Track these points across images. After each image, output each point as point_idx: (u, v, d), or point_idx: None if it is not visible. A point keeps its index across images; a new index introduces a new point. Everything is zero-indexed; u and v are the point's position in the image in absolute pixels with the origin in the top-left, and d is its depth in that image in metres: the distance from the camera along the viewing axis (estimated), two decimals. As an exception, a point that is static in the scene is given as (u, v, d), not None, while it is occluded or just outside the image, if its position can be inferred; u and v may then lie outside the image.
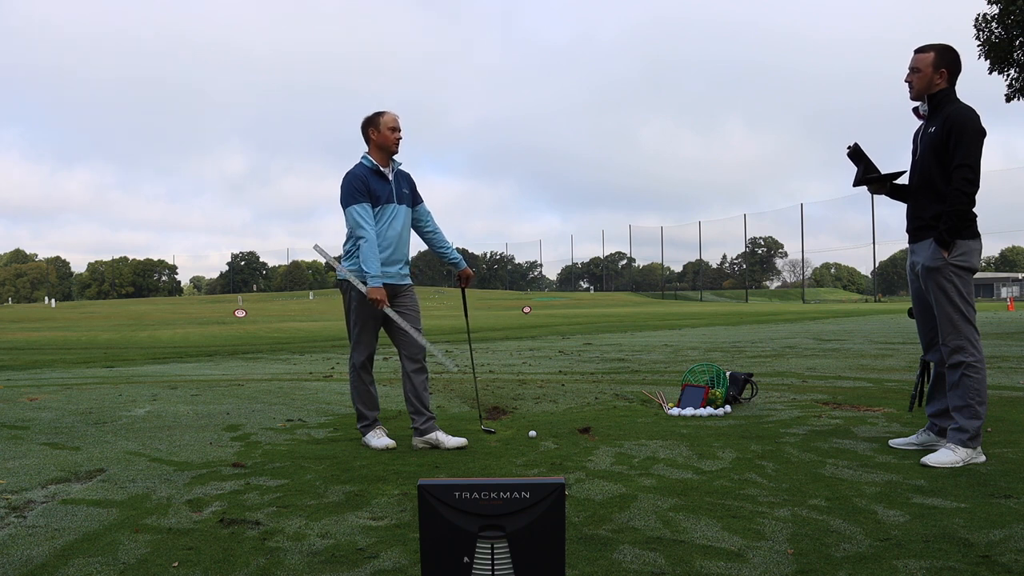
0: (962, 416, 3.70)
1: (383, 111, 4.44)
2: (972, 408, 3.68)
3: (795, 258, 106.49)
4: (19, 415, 5.63)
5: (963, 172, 3.61)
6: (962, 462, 3.62)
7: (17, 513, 3.09)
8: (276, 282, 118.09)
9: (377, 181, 4.38)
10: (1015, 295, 72.57)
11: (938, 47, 3.78)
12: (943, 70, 3.75)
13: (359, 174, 4.36)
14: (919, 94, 3.83)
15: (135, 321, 32.61)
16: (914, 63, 3.81)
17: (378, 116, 4.41)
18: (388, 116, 4.42)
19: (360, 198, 4.30)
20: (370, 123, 4.42)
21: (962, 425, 3.69)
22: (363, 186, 4.32)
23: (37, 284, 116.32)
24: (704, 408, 5.32)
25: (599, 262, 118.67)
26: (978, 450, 3.70)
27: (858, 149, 4.00)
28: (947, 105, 3.74)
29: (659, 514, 2.98)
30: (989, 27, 15.16)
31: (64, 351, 14.23)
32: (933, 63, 3.76)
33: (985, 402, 3.71)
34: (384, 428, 4.52)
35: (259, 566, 2.48)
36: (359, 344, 4.45)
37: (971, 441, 3.66)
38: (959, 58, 3.80)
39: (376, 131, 4.39)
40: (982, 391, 3.70)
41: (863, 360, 9.31)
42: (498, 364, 9.64)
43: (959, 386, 3.72)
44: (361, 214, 4.28)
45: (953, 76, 3.78)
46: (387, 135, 4.39)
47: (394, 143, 4.41)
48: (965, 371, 3.70)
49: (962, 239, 3.70)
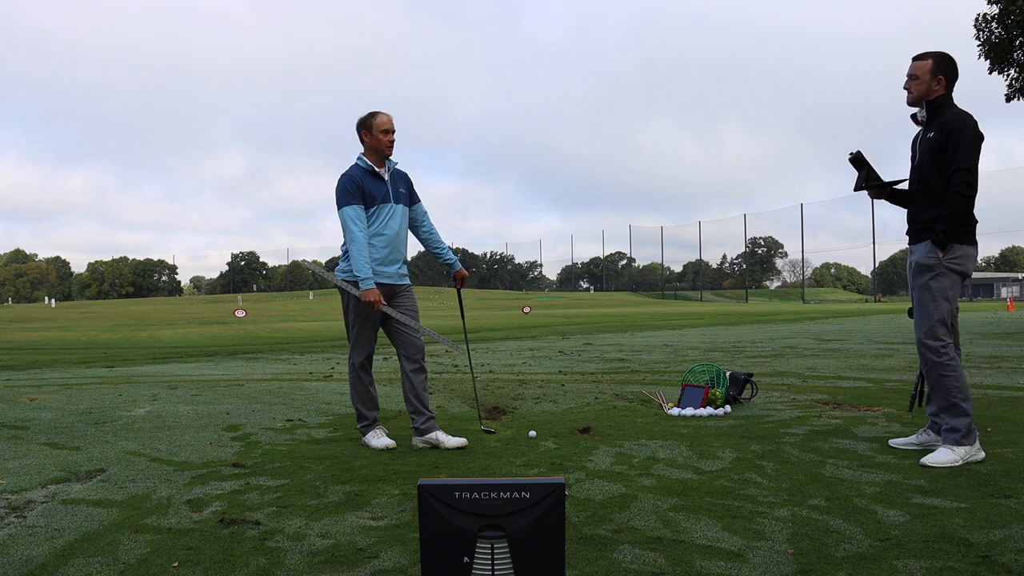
0: (949, 416, 3.74)
1: (377, 112, 4.42)
2: (957, 406, 3.72)
3: (795, 258, 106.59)
4: (19, 415, 5.62)
5: (961, 176, 3.66)
6: (961, 460, 3.64)
7: (17, 513, 3.09)
8: (276, 282, 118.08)
9: (372, 182, 4.37)
10: (1015, 295, 72.58)
11: (936, 55, 3.84)
12: (940, 77, 3.81)
13: (353, 176, 4.35)
14: (917, 100, 3.89)
15: (135, 321, 32.62)
16: (912, 70, 3.87)
17: (371, 118, 4.39)
18: (381, 118, 4.39)
19: (352, 200, 4.29)
20: (363, 125, 4.41)
21: (952, 424, 3.73)
22: (356, 188, 4.31)
23: (37, 284, 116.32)
24: (704, 408, 5.32)
25: (599, 262, 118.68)
26: (976, 446, 3.72)
27: (860, 156, 4.03)
28: (945, 111, 3.80)
29: (659, 514, 2.98)
30: (989, 27, 15.16)
31: (64, 351, 14.23)
32: (931, 70, 3.81)
33: (969, 398, 3.75)
34: (384, 428, 4.52)
35: (259, 566, 2.48)
36: (358, 344, 4.45)
37: (965, 439, 3.69)
38: (956, 65, 3.85)
39: (368, 134, 4.38)
40: (963, 388, 3.75)
41: (863, 360, 9.31)
42: (498, 364, 9.63)
43: (939, 387, 3.78)
44: (352, 216, 4.27)
45: (951, 83, 3.84)
46: (379, 138, 4.37)
47: (387, 145, 4.40)
48: (941, 371, 3.75)
49: (960, 244, 3.75)
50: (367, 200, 4.33)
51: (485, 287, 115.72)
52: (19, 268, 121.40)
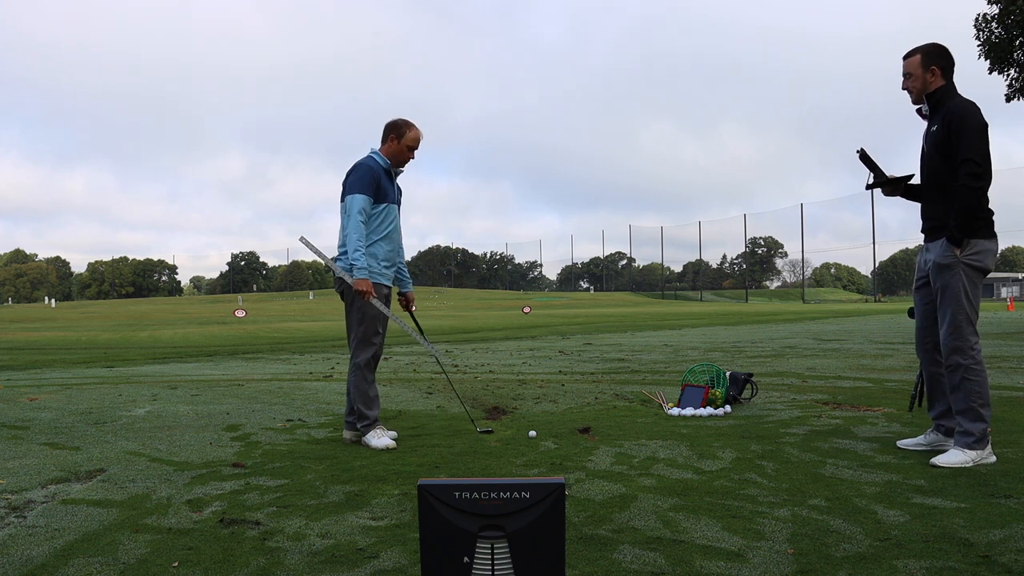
0: (966, 419, 3.68)
1: (413, 125, 4.47)
2: (975, 411, 3.66)
3: (795, 258, 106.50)
4: (19, 415, 5.62)
5: (968, 167, 3.57)
6: (972, 463, 3.61)
7: (17, 513, 3.09)
8: (276, 282, 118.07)
9: (386, 180, 4.43)
10: (1015, 295, 72.55)
11: (922, 48, 3.80)
12: (933, 67, 3.76)
13: (375, 168, 4.39)
14: (918, 96, 3.84)
15: (135, 321, 32.61)
16: (905, 68, 3.85)
17: (406, 128, 4.44)
18: (415, 133, 4.46)
19: (367, 190, 4.32)
20: (395, 129, 4.45)
21: (967, 428, 3.67)
22: (373, 180, 4.34)
23: (37, 284, 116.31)
24: (704, 408, 5.32)
25: (599, 262, 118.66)
26: (988, 450, 3.68)
27: (865, 154, 3.99)
28: (946, 101, 3.74)
29: (659, 514, 2.98)
30: (989, 27, 15.17)
31: (64, 351, 14.22)
32: (921, 63, 3.78)
33: (988, 404, 3.70)
34: (384, 428, 4.51)
35: (259, 566, 2.48)
36: (365, 343, 4.42)
37: (977, 444, 3.65)
38: (947, 52, 3.79)
39: (396, 140, 4.44)
40: (984, 393, 3.68)
41: (863, 360, 9.31)
42: (498, 364, 9.63)
43: (960, 390, 3.70)
44: (362, 206, 4.30)
45: (947, 72, 3.77)
46: (404, 150, 4.46)
47: (405, 160, 4.49)
48: (965, 374, 3.67)
49: (977, 238, 3.66)
50: (379, 196, 4.36)
51: (485, 287, 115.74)
52: (19, 268, 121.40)
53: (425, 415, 5.54)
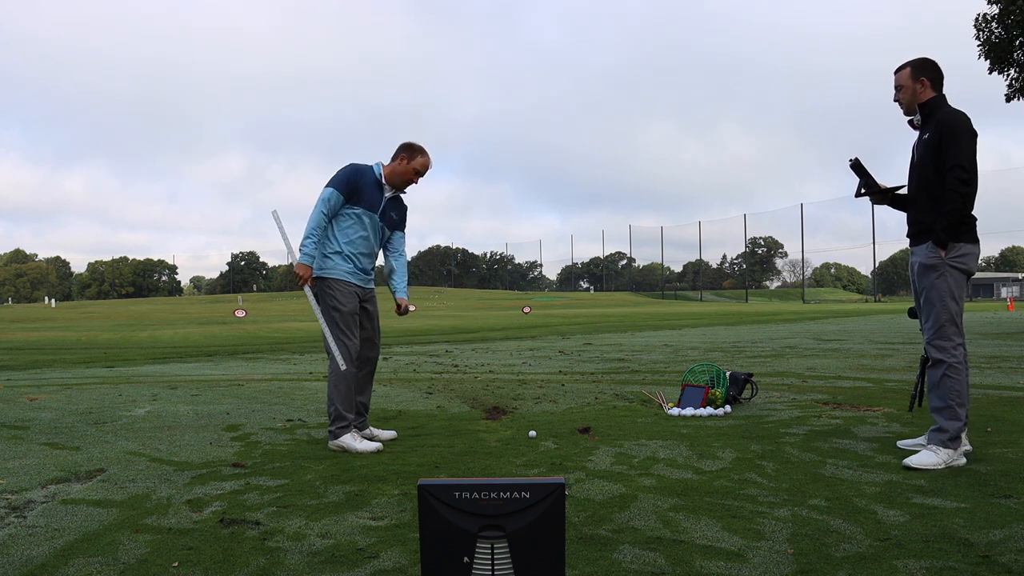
0: (942, 417, 3.74)
1: (426, 153, 4.51)
2: (952, 410, 3.72)
3: (795, 258, 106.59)
4: (19, 415, 5.63)
5: (956, 172, 3.67)
6: (943, 464, 3.65)
7: (17, 513, 3.09)
8: (276, 282, 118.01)
9: (374, 189, 4.44)
10: (1015, 295, 72.58)
11: (911, 62, 3.92)
12: (923, 79, 3.87)
13: (361, 171, 4.43)
14: (910, 108, 3.95)
15: (135, 321, 32.61)
16: (896, 81, 3.96)
17: (417, 154, 4.48)
18: (425, 160, 4.49)
19: (342, 188, 4.35)
20: (407, 150, 4.48)
21: (942, 426, 3.73)
22: (354, 183, 4.37)
23: (37, 284, 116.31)
24: (704, 408, 5.32)
25: (599, 262, 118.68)
26: (959, 451, 3.72)
27: (858, 163, 4.05)
28: (937, 111, 3.84)
29: (659, 514, 2.98)
30: (989, 27, 15.17)
31: (64, 351, 14.22)
32: (911, 75, 3.89)
33: (965, 404, 3.75)
34: (358, 432, 4.42)
35: (259, 566, 2.48)
36: (346, 338, 4.33)
37: (951, 442, 3.69)
38: (935, 64, 3.90)
39: (405, 161, 4.46)
40: (963, 392, 3.75)
41: (863, 360, 9.31)
42: (498, 364, 9.64)
43: (939, 387, 3.77)
44: (330, 201, 4.33)
45: (936, 83, 3.88)
46: (410, 172, 4.47)
47: (408, 183, 4.51)
48: (946, 372, 3.75)
49: (962, 242, 3.75)
50: (355, 197, 4.37)
51: (485, 287, 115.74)
52: (19, 268, 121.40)
53: (425, 415, 5.54)
